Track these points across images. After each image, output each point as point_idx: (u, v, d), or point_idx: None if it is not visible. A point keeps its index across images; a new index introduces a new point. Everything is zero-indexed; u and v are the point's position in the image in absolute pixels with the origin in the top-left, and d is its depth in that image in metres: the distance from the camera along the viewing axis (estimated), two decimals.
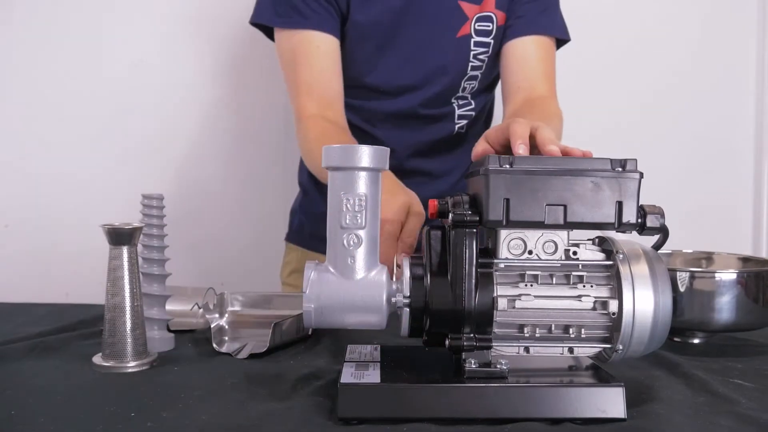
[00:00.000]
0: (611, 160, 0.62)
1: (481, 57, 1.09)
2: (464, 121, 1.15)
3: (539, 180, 0.61)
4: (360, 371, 0.64)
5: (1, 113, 1.54)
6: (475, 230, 0.62)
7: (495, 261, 0.63)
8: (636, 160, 0.62)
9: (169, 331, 0.91)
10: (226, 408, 0.63)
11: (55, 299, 1.19)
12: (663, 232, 0.63)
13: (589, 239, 0.66)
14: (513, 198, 0.61)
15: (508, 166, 0.61)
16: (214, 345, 0.82)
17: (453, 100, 1.12)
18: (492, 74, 1.14)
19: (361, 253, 0.63)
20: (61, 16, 1.54)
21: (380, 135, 1.13)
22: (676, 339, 0.89)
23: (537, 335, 0.62)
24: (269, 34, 1.10)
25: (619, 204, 0.61)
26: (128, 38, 1.55)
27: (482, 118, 1.20)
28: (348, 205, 0.62)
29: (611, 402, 0.60)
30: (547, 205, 0.61)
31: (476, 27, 1.07)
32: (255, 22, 1.08)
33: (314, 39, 1.03)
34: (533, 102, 1.07)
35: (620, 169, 0.61)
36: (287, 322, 0.83)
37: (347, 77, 1.09)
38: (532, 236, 0.63)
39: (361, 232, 0.62)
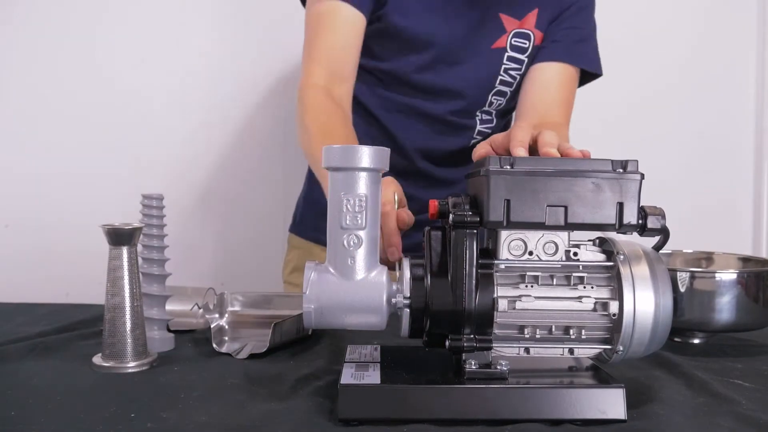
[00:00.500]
0: (612, 161, 0.62)
1: (512, 73, 1.08)
2: (481, 137, 1.13)
3: (540, 181, 0.61)
4: (360, 372, 0.64)
5: (1, 113, 1.54)
6: (475, 231, 0.62)
7: (495, 262, 0.63)
8: (637, 161, 0.61)
9: (169, 331, 0.91)
10: (226, 408, 0.63)
11: (55, 299, 1.18)
12: (664, 233, 0.63)
13: (589, 240, 0.66)
14: (513, 199, 0.61)
15: (508, 167, 0.61)
16: (214, 345, 0.82)
17: (477, 113, 1.11)
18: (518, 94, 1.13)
19: (361, 254, 0.62)
20: (61, 15, 1.54)
21: (393, 128, 1.11)
22: (676, 339, 0.89)
23: (537, 336, 0.62)
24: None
25: (620, 205, 0.61)
26: (129, 38, 1.55)
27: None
28: (348, 206, 0.62)
29: (611, 403, 0.60)
30: (547, 206, 0.61)
31: (512, 42, 1.06)
32: None
33: (342, 10, 1.01)
34: (543, 125, 1.05)
35: (621, 171, 0.61)
36: (287, 322, 0.83)
37: (382, 66, 1.08)
38: (533, 237, 0.63)
39: (362, 233, 0.62)
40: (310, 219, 1.26)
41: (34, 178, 1.55)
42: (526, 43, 1.06)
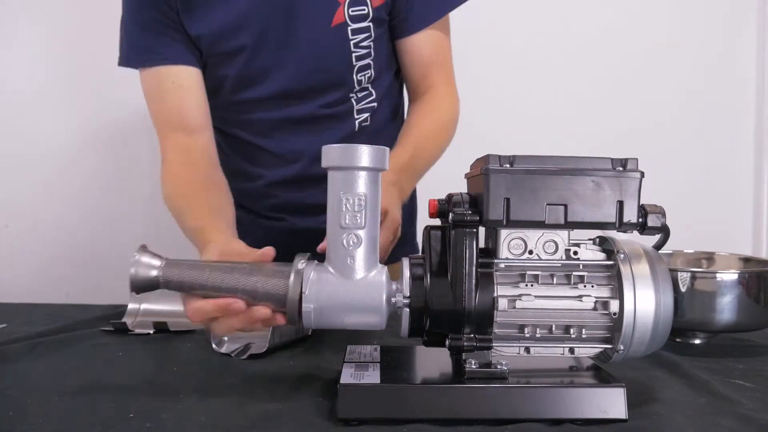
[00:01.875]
0: (612, 159, 0.62)
1: (364, 44, 1.00)
2: (366, 114, 1.06)
3: (540, 179, 0.60)
4: (360, 372, 0.63)
5: (1, 113, 1.54)
6: (475, 230, 0.62)
7: (495, 261, 0.63)
8: (636, 159, 0.61)
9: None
10: (226, 408, 0.63)
11: (55, 299, 1.18)
12: (664, 231, 0.63)
13: (589, 239, 0.65)
14: (513, 197, 0.60)
15: (508, 165, 0.61)
16: (214, 345, 0.82)
17: (351, 95, 1.04)
18: (384, 56, 1.05)
19: (360, 253, 0.62)
20: (63, 15, 1.54)
21: (274, 146, 1.05)
22: (677, 339, 0.89)
23: (537, 335, 0.62)
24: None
25: (620, 203, 0.61)
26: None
27: (389, 106, 1.10)
28: (347, 205, 0.62)
29: (612, 402, 0.60)
30: (547, 204, 0.61)
31: (350, 13, 0.99)
32: (121, 65, 1.03)
33: (169, 74, 0.98)
34: (422, 101, 1.06)
35: (621, 169, 0.61)
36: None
37: (225, 94, 1.02)
38: (533, 236, 0.63)
39: (361, 232, 0.62)
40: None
41: (34, 178, 1.55)
42: (364, 9, 0.99)
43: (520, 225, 0.62)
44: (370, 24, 1.00)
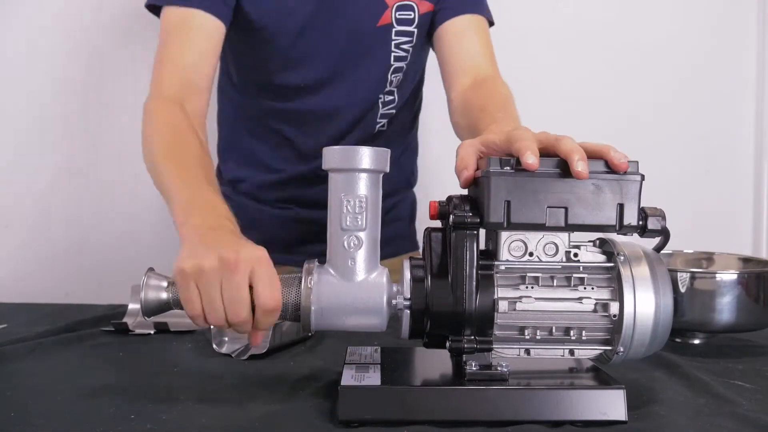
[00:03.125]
0: None
1: (404, 47, 1.04)
2: (384, 120, 1.09)
3: (540, 182, 0.61)
4: (360, 373, 0.63)
5: (1, 113, 1.54)
6: (475, 232, 0.62)
7: (496, 263, 0.63)
8: (637, 162, 0.61)
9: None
10: (226, 409, 0.63)
11: (55, 299, 1.18)
12: (664, 234, 0.63)
13: (589, 241, 0.65)
14: (514, 200, 0.60)
15: (509, 168, 0.61)
16: (214, 345, 0.82)
17: (380, 96, 1.07)
18: (417, 66, 1.10)
19: (361, 255, 0.62)
20: (63, 15, 1.54)
21: (301, 141, 1.07)
22: (676, 340, 0.89)
23: (538, 337, 0.62)
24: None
25: (621, 206, 0.61)
26: (129, 38, 1.55)
27: (407, 115, 1.14)
28: (348, 207, 0.62)
29: (612, 404, 0.60)
30: (548, 207, 0.61)
31: (397, 16, 1.03)
32: (148, 5, 0.98)
33: (196, 17, 0.93)
34: (482, 86, 1.01)
35: (621, 172, 0.61)
36: (287, 323, 0.83)
37: (258, 76, 1.05)
38: (533, 238, 0.63)
39: (362, 234, 0.62)
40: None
41: (34, 178, 1.55)
42: (410, 14, 1.03)
43: (520, 227, 0.62)
44: (415, 30, 1.04)
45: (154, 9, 0.98)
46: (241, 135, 1.13)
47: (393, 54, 1.04)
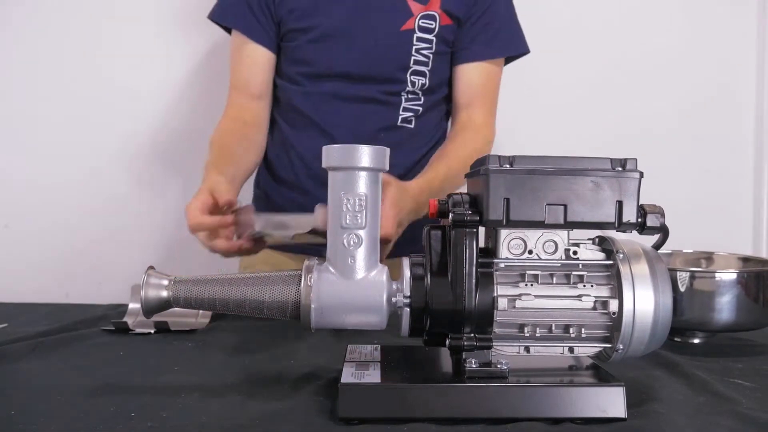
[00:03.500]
0: (611, 159, 0.62)
1: (424, 52, 1.15)
2: (409, 114, 1.18)
3: (539, 179, 0.61)
4: (360, 371, 0.64)
5: (2, 113, 1.54)
6: (475, 230, 0.62)
7: (495, 261, 0.63)
8: (636, 159, 0.62)
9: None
10: (226, 408, 0.63)
11: (55, 299, 1.18)
12: (663, 231, 0.63)
13: (589, 239, 0.66)
14: (513, 198, 0.61)
15: (508, 165, 0.61)
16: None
17: (403, 94, 1.17)
18: (442, 75, 1.19)
19: (361, 253, 0.63)
20: (62, 16, 1.54)
21: (321, 120, 1.17)
22: (676, 339, 0.89)
23: (537, 335, 0.62)
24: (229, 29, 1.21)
25: (620, 203, 0.61)
26: (129, 39, 1.55)
27: (434, 120, 1.22)
28: (348, 205, 0.62)
29: (612, 402, 0.60)
30: (547, 204, 0.61)
31: (420, 23, 1.14)
32: (212, 18, 1.20)
33: (247, 46, 1.16)
34: (461, 132, 1.16)
35: (620, 169, 0.61)
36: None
37: (294, 63, 1.17)
38: (533, 236, 0.63)
39: (362, 232, 0.62)
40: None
41: (34, 178, 1.55)
42: (432, 24, 1.14)
43: (519, 225, 0.62)
44: (434, 38, 1.15)
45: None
46: (282, 128, 1.23)
47: (412, 57, 1.15)
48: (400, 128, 1.18)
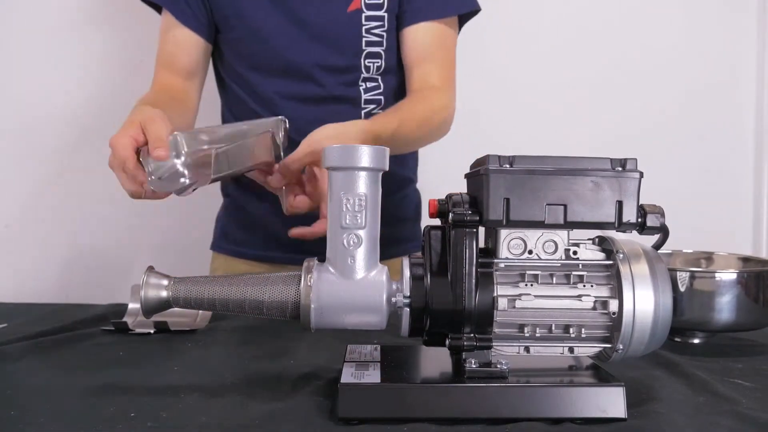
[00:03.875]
0: (611, 159, 0.62)
1: (376, 32, 1.06)
2: (372, 106, 1.10)
3: (539, 179, 0.61)
4: (360, 371, 0.64)
5: (1, 113, 1.55)
6: (475, 230, 0.62)
7: (495, 261, 0.63)
8: (636, 159, 0.62)
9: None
10: (226, 408, 0.63)
11: (55, 299, 1.18)
12: (663, 231, 0.63)
13: (589, 239, 0.66)
14: (513, 198, 0.61)
15: (508, 165, 0.61)
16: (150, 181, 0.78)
17: (360, 83, 1.09)
18: (398, 52, 1.10)
19: (361, 253, 0.62)
20: (62, 15, 1.54)
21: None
22: (676, 339, 0.89)
23: (537, 335, 0.62)
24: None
25: (619, 203, 0.61)
26: (124, 41, 1.55)
27: (395, 102, 1.11)
28: (348, 205, 0.62)
29: (612, 402, 0.60)
30: (547, 204, 0.61)
31: (366, 1, 1.05)
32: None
33: (175, 27, 1.09)
34: (422, 93, 1.07)
35: (620, 169, 0.61)
36: (232, 148, 0.76)
37: (240, 58, 1.10)
38: (532, 236, 0.63)
39: (361, 232, 0.62)
40: (234, 231, 1.20)
41: (34, 178, 1.55)
42: None
43: (519, 225, 0.62)
44: (385, 14, 1.06)
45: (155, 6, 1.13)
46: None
47: (364, 39, 1.06)
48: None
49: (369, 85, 1.09)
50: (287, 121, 0.94)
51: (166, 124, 0.81)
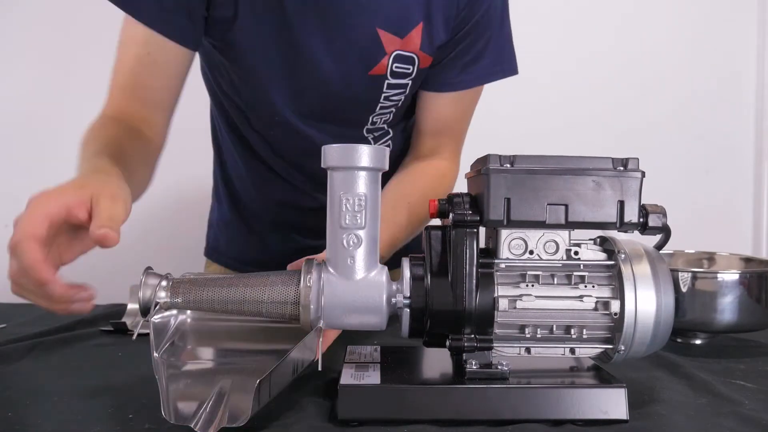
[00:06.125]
0: (613, 159, 0.62)
1: (394, 98, 0.93)
2: (377, 134, 1.00)
3: (540, 179, 0.60)
4: (360, 372, 0.63)
5: (1, 113, 1.54)
6: (475, 230, 0.62)
7: (496, 261, 0.63)
8: (637, 159, 0.61)
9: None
10: None
11: None
12: (665, 231, 0.63)
13: (590, 239, 0.65)
14: (514, 197, 0.60)
15: (508, 165, 0.61)
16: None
17: (367, 135, 0.98)
18: (409, 103, 0.99)
19: (360, 254, 0.62)
20: (64, 15, 1.54)
21: (281, 170, 1.01)
22: (678, 340, 0.88)
23: (538, 336, 0.62)
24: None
25: (621, 203, 0.61)
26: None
27: (402, 142, 1.04)
28: (347, 205, 0.62)
29: (613, 403, 0.60)
30: (548, 204, 0.61)
31: (393, 68, 0.89)
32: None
33: (158, 43, 0.83)
34: (423, 168, 0.97)
35: (622, 168, 0.61)
36: (281, 368, 0.57)
37: (242, 102, 0.96)
38: (533, 236, 0.63)
39: (361, 232, 0.62)
40: (224, 244, 1.15)
41: (34, 179, 1.55)
42: (409, 68, 0.90)
43: (520, 225, 0.62)
44: (409, 82, 0.92)
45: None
46: (236, 164, 1.06)
47: (380, 105, 0.94)
48: None
49: (377, 134, 1.00)
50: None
51: (126, 204, 0.62)
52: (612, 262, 0.63)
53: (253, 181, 1.05)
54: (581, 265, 0.63)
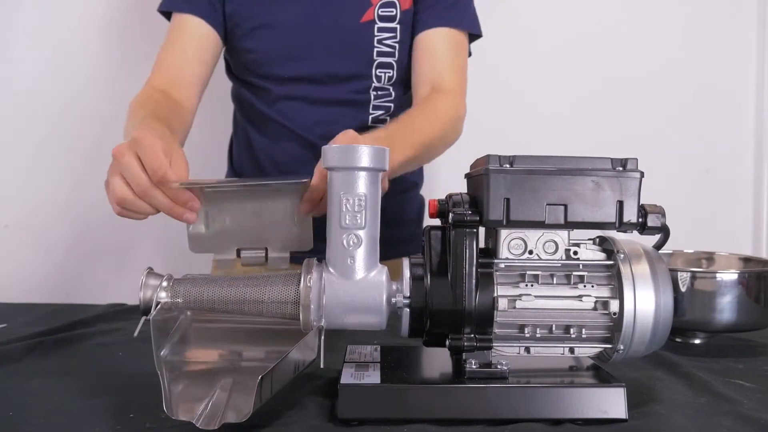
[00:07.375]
0: (612, 159, 0.62)
1: (388, 42, 1.09)
2: (380, 112, 1.11)
3: (540, 179, 0.60)
4: (360, 372, 0.63)
5: (2, 113, 1.54)
6: (475, 230, 0.62)
7: (495, 261, 0.63)
8: (636, 159, 0.61)
9: None
10: None
11: (55, 299, 1.18)
12: (664, 231, 0.63)
13: (589, 239, 0.65)
14: (513, 197, 0.60)
15: (508, 165, 0.61)
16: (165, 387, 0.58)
17: (372, 91, 1.10)
18: (409, 61, 1.12)
19: (360, 254, 0.62)
20: (64, 14, 1.54)
21: (288, 122, 1.11)
22: (677, 339, 0.89)
23: (538, 335, 0.62)
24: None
25: (620, 203, 0.61)
26: (123, 39, 1.55)
27: (404, 109, 1.11)
28: (347, 205, 0.62)
29: (612, 402, 0.60)
30: (547, 204, 0.61)
31: (380, 13, 1.08)
32: (161, 10, 1.11)
33: (188, 21, 1.07)
34: (428, 100, 1.06)
35: (621, 169, 0.61)
36: (282, 366, 0.57)
37: (250, 68, 1.11)
38: (533, 236, 0.63)
39: (361, 233, 0.62)
40: None
41: (34, 178, 1.55)
42: (392, 11, 1.08)
43: (520, 225, 0.62)
44: (398, 26, 1.08)
45: (166, 14, 1.12)
46: (245, 129, 1.16)
47: (375, 49, 1.08)
48: (373, 129, 1.04)
49: (380, 92, 1.11)
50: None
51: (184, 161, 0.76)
52: (611, 262, 0.63)
53: (273, 156, 1.13)
54: (580, 265, 0.63)
